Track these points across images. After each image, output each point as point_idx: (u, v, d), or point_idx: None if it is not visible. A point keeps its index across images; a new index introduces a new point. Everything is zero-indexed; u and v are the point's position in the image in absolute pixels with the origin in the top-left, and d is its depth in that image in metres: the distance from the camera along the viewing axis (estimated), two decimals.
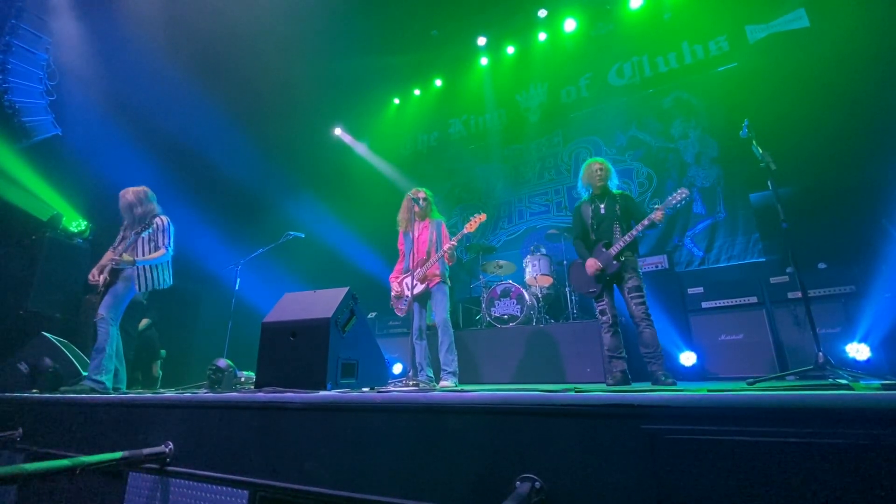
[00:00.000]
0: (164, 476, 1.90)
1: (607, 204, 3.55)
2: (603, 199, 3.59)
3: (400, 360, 5.26)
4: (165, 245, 3.58)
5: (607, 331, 3.39)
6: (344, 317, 2.52)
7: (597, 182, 3.61)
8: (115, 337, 3.40)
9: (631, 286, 3.29)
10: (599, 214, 3.55)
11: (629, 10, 6.44)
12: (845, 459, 0.94)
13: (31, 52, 6.15)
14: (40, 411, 2.61)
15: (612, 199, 3.57)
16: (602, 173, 3.61)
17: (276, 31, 6.35)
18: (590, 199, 3.67)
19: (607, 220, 3.51)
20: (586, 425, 1.20)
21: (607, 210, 3.53)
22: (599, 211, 3.56)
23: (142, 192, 3.71)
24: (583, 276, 3.52)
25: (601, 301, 3.45)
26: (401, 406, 1.49)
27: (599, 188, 3.63)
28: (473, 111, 7.87)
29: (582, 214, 3.68)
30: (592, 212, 3.59)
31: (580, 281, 3.58)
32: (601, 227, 3.52)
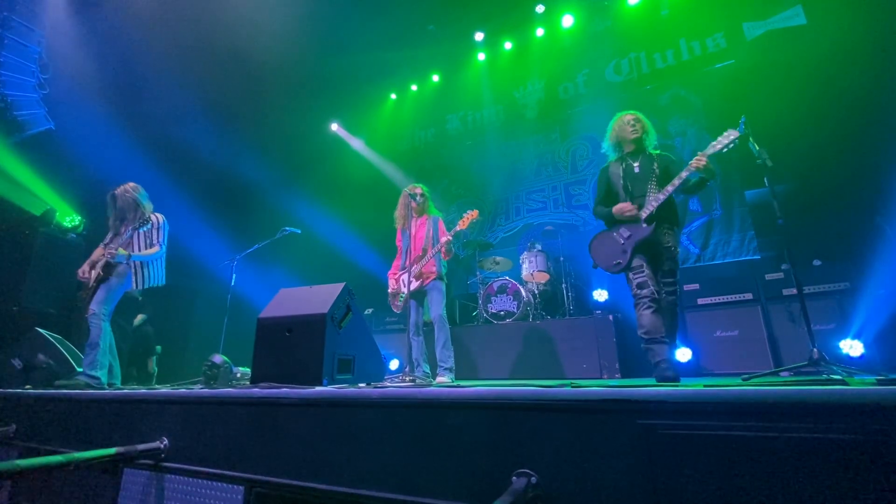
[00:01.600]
0: (158, 472, 1.90)
1: (643, 163, 2.96)
2: (637, 158, 3.00)
3: (396, 356, 5.26)
4: (160, 242, 3.58)
5: (646, 307, 2.69)
6: (340, 312, 2.51)
7: (629, 136, 3.02)
8: (108, 332, 3.39)
9: (665, 269, 2.77)
10: (633, 174, 2.95)
11: (627, 6, 6.43)
12: (840, 454, 0.94)
13: (23, 45, 6.08)
14: (34, 407, 2.60)
15: (650, 159, 2.97)
16: (637, 126, 3.02)
17: (272, 25, 6.30)
18: (620, 159, 3.09)
19: (642, 181, 2.90)
20: (582, 420, 1.20)
21: (643, 169, 2.92)
22: (633, 170, 2.96)
23: (139, 188, 3.70)
24: (606, 247, 2.96)
25: (639, 271, 2.76)
26: (397, 402, 1.49)
27: (633, 144, 3.03)
28: (470, 107, 7.84)
29: (610, 175, 3.06)
30: (624, 171, 2.99)
31: (603, 254, 2.98)
32: (635, 188, 2.91)
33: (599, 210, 3.08)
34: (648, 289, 2.71)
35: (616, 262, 2.87)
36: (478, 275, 5.62)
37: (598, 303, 5.20)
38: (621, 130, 3.08)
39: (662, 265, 2.79)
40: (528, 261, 5.32)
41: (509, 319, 4.93)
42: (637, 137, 3.02)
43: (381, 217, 5.23)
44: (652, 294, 2.70)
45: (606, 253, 2.95)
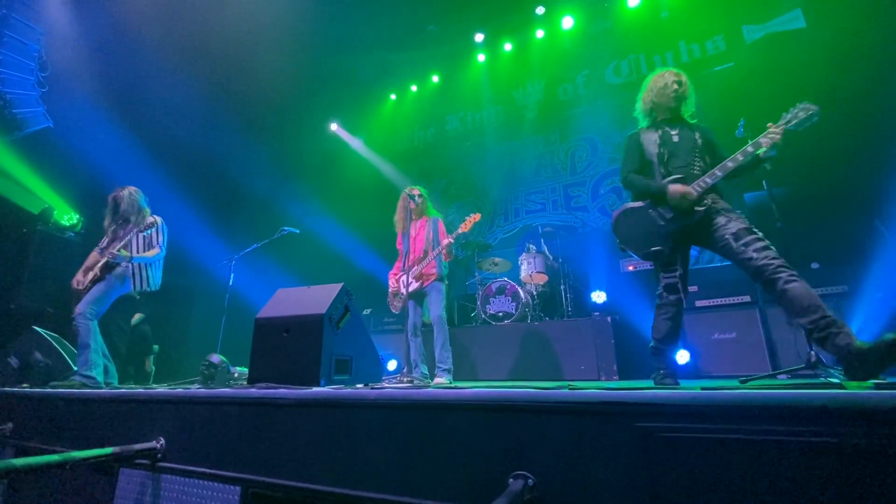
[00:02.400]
0: (155, 472, 1.89)
1: (683, 133, 2.52)
2: (675, 126, 2.55)
3: (395, 356, 5.25)
4: (160, 244, 3.59)
5: (666, 315, 2.40)
6: (338, 313, 2.50)
7: (669, 100, 2.53)
8: (97, 331, 3.36)
9: (738, 229, 2.17)
10: (671, 142, 2.49)
11: (627, 8, 6.44)
12: (837, 458, 0.94)
13: (22, 43, 6.06)
14: (31, 406, 2.59)
15: (689, 128, 2.54)
16: (679, 89, 2.53)
17: (272, 24, 6.30)
18: (654, 125, 2.62)
19: (683, 152, 2.44)
20: (580, 422, 1.20)
21: (684, 139, 2.48)
22: (671, 138, 2.50)
23: (139, 192, 3.73)
24: (640, 227, 2.45)
25: (672, 271, 2.39)
26: (395, 402, 1.49)
27: (670, 110, 2.57)
28: (470, 108, 7.85)
29: (643, 143, 2.56)
30: (661, 139, 2.51)
31: (636, 235, 2.47)
32: (674, 158, 2.44)
33: (636, 180, 2.52)
34: (677, 295, 2.37)
35: (655, 249, 2.38)
36: (476, 276, 5.62)
37: (597, 304, 5.20)
38: (660, 93, 2.56)
39: (728, 227, 2.21)
40: (527, 262, 5.32)
41: (508, 320, 4.93)
42: (676, 105, 2.55)
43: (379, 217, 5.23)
44: (679, 301, 2.38)
45: (641, 234, 2.43)
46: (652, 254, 2.40)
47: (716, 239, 2.25)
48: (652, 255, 2.41)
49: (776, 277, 1.98)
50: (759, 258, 2.05)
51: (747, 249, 2.10)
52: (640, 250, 2.45)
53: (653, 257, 2.42)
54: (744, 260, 2.12)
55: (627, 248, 2.52)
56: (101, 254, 3.54)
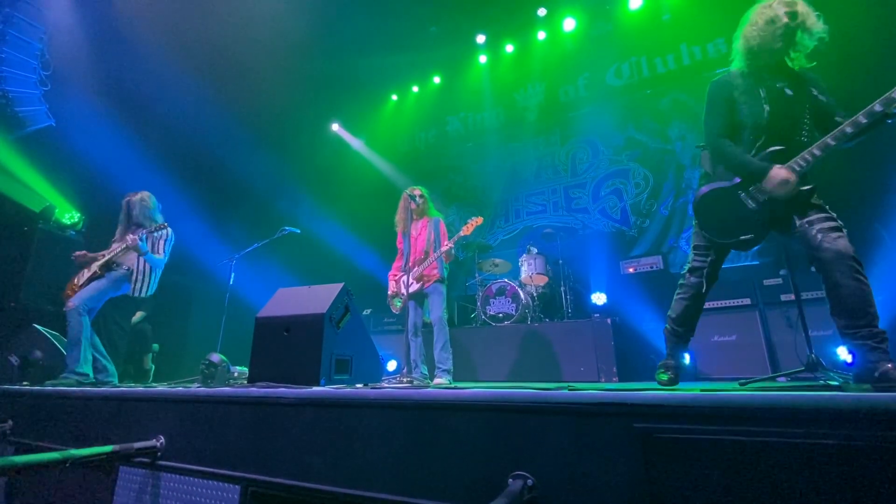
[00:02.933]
0: (154, 470, 1.90)
1: (789, 85, 2.01)
2: (779, 77, 2.03)
3: (394, 357, 5.26)
4: (164, 251, 3.60)
5: (685, 295, 2.28)
6: (338, 313, 2.51)
7: (776, 39, 2.00)
8: (88, 326, 3.36)
9: (814, 217, 1.90)
10: (773, 100, 1.99)
11: (628, 10, 6.45)
12: (836, 460, 0.95)
13: (25, 42, 6.08)
14: (31, 404, 2.59)
15: (797, 80, 2.04)
16: (792, 23, 1.99)
17: (274, 24, 6.31)
18: (754, 73, 2.09)
19: (787, 113, 1.98)
20: (579, 423, 1.20)
21: (787, 96, 1.99)
22: (773, 94, 1.99)
23: (153, 197, 3.78)
24: (727, 211, 2.08)
25: (704, 254, 2.20)
26: (395, 402, 1.49)
27: (775, 53, 2.04)
28: (472, 109, 7.86)
29: (735, 97, 2.09)
30: (768, 94, 2.00)
31: (721, 219, 2.11)
32: (774, 124, 1.98)
33: (729, 150, 2.07)
34: (699, 279, 2.19)
35: (746, 238, 2.04)
36: (477, 276, 5.63)
37: (597, 306, 5.20)
38: (764, 32, 2.02)
39: (809, 215, 1.93)
40: (527, 263, 5.32)
41: (507, 321, 4.93)
42: (783, 47, 2.01)
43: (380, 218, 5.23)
44: (700, 286, 2.20)
45: (728, 220, 2.09)
46: (742, 243, 2.08)
47: (800, 224, 1.94)
48: (741, 245, 2.10)
49: (836, 269, 1.77)
50: (824, 241, 1.82)
51: (811, 228, 1.88)
52: (725, 238, 2.12)
53: (743, 247, 2.11)
54: (806, 239, 1.89)
55: (711, 234, 2.16)
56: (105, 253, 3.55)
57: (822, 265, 1.82)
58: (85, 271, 3.48)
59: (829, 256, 1.79)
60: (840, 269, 1.76)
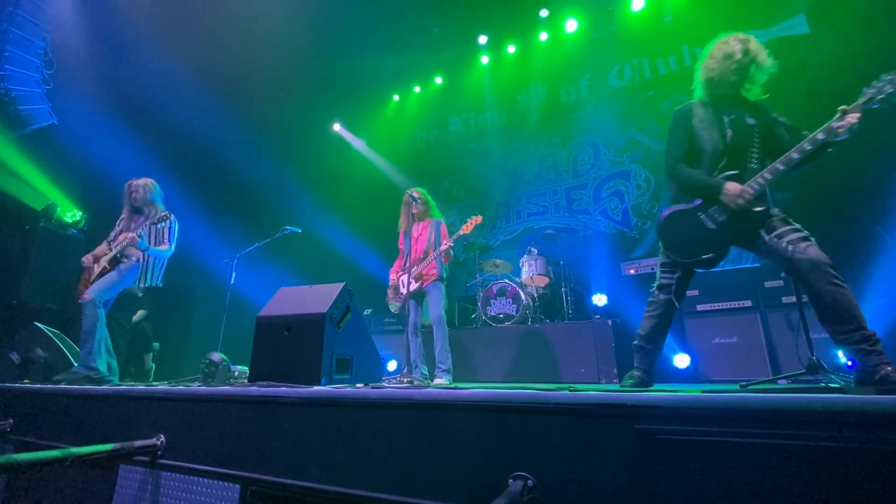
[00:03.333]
0: (154, 469, 1.90)
1: (742, 115, 2.18)
2: (734, 108, 2.20)
3: (395, 357, 5.26)
4: (169, 241, 3.58)
5: (654, 312, 2.31)
6: (339, 312, 2.51)
7: (730, 73, 2.19)
8: (104, 320, 3.36)
9: (782, 230, 1.98)
10: (729, 128, 2.15)
11: (631, 12, 6.45)
12: (837, 462, 0.94)
13: (28, 40, 6.09)
14: (31, 402, 2.59)
15: (751, 110, 2.20)
16: (743, 59, 2.17)
17: (277, 24, 6.32)
18: (714, 102, 2.27)
19: (741, 140, 2.13)
20: (579, 424, 1.20)
21: (742, 124, 2.16)
22: (729, 123, 2.16)
23: (157, 185, 3.73)
24: (689, 231, 2.20)
25: (670, 273, 2.27)
26: (395, 402, 1.49)
27: (732, 85, 2.22)
28: (473, 110, 7.86)
29: (694, 125, 2.24)
30: (723, 121, 2.18)
31: (684, 240, 2.22)
32: (730, 149, 2.13)
33: (685, 173, 2.23)
34: (668, 297, 2.26)
35: (708, 257, 2.14)
36: (477, 277, 5.63)
37: (598, 307, 5.20)
38: (722, 63, 2.20)
39: (771, 225, 2.02)
40: (528, 264, 5.32)
41: (508, 322, 4.93)
42: (739, 80, 2.19)
43: (381, 218, 5.23)
44: (668, 303, 2.26)
45: (689, 240, 2.19)
46: (704, 262, 2.18)
47: (761, 237, 2.03)
48: (704, 263, 2.19)
49: (815, 276, 1.81)
50: (797, 251, 1.88)
51: (780, 241, 1.94)
52: (688, 257, 2.22)
53: (706, 265, 2.21)
54: (777, 252, 1.95)
55: (674, 255, 2.27)
56: (110, 246, 3.54)
57: (799, 275, 1.89)
58: (95, 267, 3.49)
59: (804, 266, 1.85)
60: (817, 277, 1.81)
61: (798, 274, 1.88)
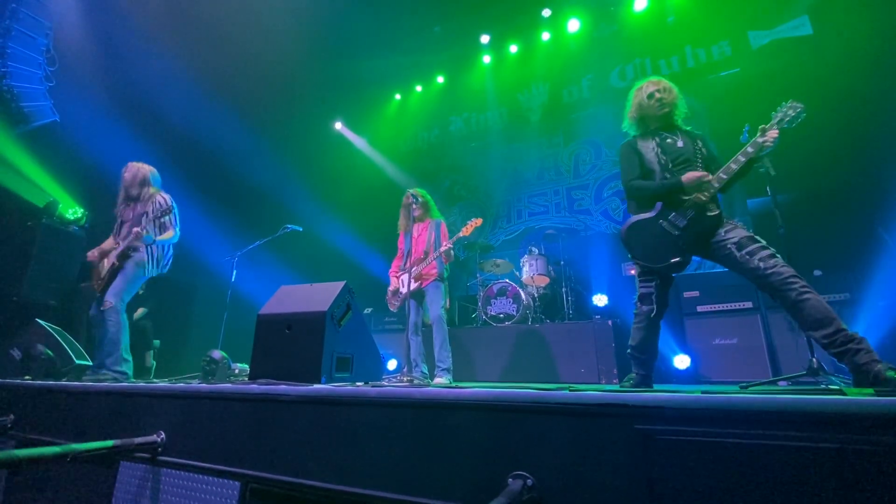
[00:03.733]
0: (155, 465, 1.90)
1: (681, 138, 2.46)
2: (671, 133, 2.49)
3: (395, 356, 5.26)
4: (173, 225, 3.53)
5: (641, 324, 2.39)
6: (340, 311, 2.51)
7: (654, 110, 2.51)
8: (127, 324, 3.35)
9: (740, 238, 2.13)
10: (672, 148, 2.42)
11: (633, 12, 6.44)
12: (837, 464, 0.94)
13: (31, 37, 6.10)
14: (33, 398, 2.60)
15: (687, 135, 2.48)
16: (664, 98, 2.49)
17: (280, 22, 6.32)
18: (649, 134, 2.56)
19: (686, 157, 2.38)
20: (579, 424, 1.20)
21: (683, 144, 2.43)
22: (676, 144, 2.43)
23: (153, 170, 3.68)
24: (652, 238, 2.33)
25: (648, 281, 2.37)
26: (395, 401, 1.49)
27: (660, 119, 2.52)
28: (475, 109, 7.86)
29: (641, 151, 2.50)
30: (661, 146, 2.45)
31: (649, 246, 2.34)
32: (677, 164, 2.37)
33: (643, 184, 2.41)
34: (650, 306, 2.33)
35: (676, 260, 2.25)
36: (478, 277, 5.63)
37: (598, 307, 5.19)
38: (644, 106, 2.55)
39: (729, 236, 2.16)
40: (529, 264, 5.32)
41: (508, 322, 4.93)
42: (663, 113, 2.49)
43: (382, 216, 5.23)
44: (651, 312, 2.33)
45: (653, 246, 2.31)
46: (672, 266, 2.27)
47: (718, 248, 2.18)
48: (672, 268, 2.28)
49: (788, 289, 1.92)
50: (767, 268, 1.99)
51: (752, 258, 2.05)
52: (656, 263, 2.30)
53: (673, 269, 2.30)
54: (750, 269, 2.05)
55: (644, 262, 2.37)
56: (116, 239, 3.53)
57: (772, 290, 2.00)
58: (105, 262, 3.46)
59: (776, 281, 1.96)
60: (791, 289, 1.92)
61: (771, 289, 2.00)
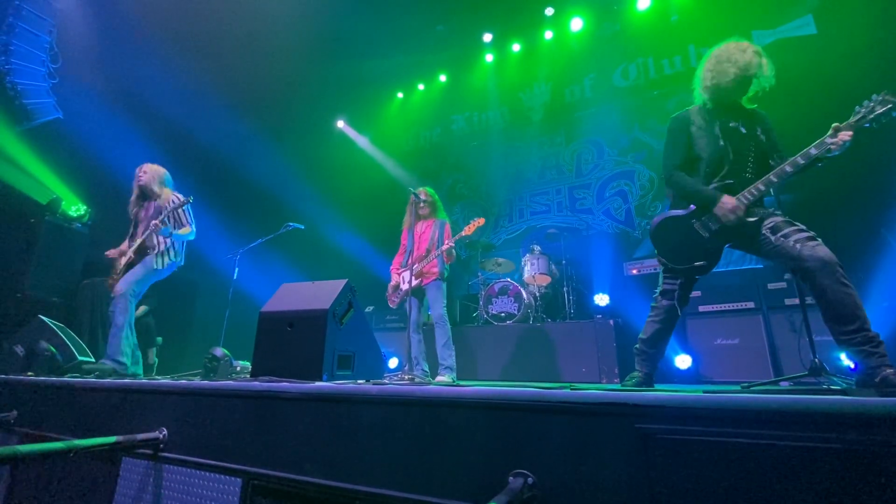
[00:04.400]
0: (157, 462, 1.91)
1: (741, 124, 2.16)
2: (732, 116, 2.19)
3: (396, 354, 5.27)
4: (188, 221, 3.63)
5: (656, 318, 2.30)
6: (342, 308, 2.52)
7: (728, 82, 2.14)
8: (133, 314, 3.40)
9: (775, 223, 1.99)
10: (726, 138, 2.14)
11: (636, 11, 6.42)
12: (839, 464, 0.94)
13: (34, 34, 6.11)
14: (36, 394, 2.61)
15: (749, 120, 2.19)
16: (743, 71, 2.12)
17: (283, 21, 6.32)
18: (712, 111, 2.24)
19: (738, 150, 2.13)
20: (580, 423, 1.20)
21: (740, 134, 2.14)
22: (726, 133, 2.15)
23: (166, 172, 3.79)
24: (681, 238, 2.21)
25: (673, 278, 2.26)
26: (396, 399, 1.50)
27: (730, 93, 2.18)
28: (477, 108, 7.85)
29: (692, 133, 2.23)
30: (715, 131, 2.16)
31: (676, 247, 2.23)
32: (726, 158, 2.13)
33: (683, 181, 2.23)
34: (671, 302, 2.23)
35: (699, 264, 2.16)
36: (479, 276, 5.63)
37: (599, 307, 5.19)
38: (722, 72, 2.15)
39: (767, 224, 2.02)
40: (530, 263, 5.32)
41: (510, 321, 4.93)
42: (737, 89, 2.15)
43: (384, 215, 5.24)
44: (672, 309, 2.24)
45: (681, 247, 2.20)
46: (696, 269, 2.19)
47: (757, 240, 2.03)
48: (695, 271, 2.20)
49: (823, 275, 1.79)
50: (804, 250, 1.85)
51: (787, 240, 1.91)
52: (680, 264, 2.22)
53: (697, 273, 2.22)
54: (786, 252, 1.90)
55: (667, 260, 2.27)
56: (133, 239, 3.57)
57: (807, 274, 1.85)
58: (122, 259, 3.51)
59: (813, 265, 1.82)
60: (826, 275, 1.79)
61: (806, 273, 1.85)
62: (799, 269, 1.89)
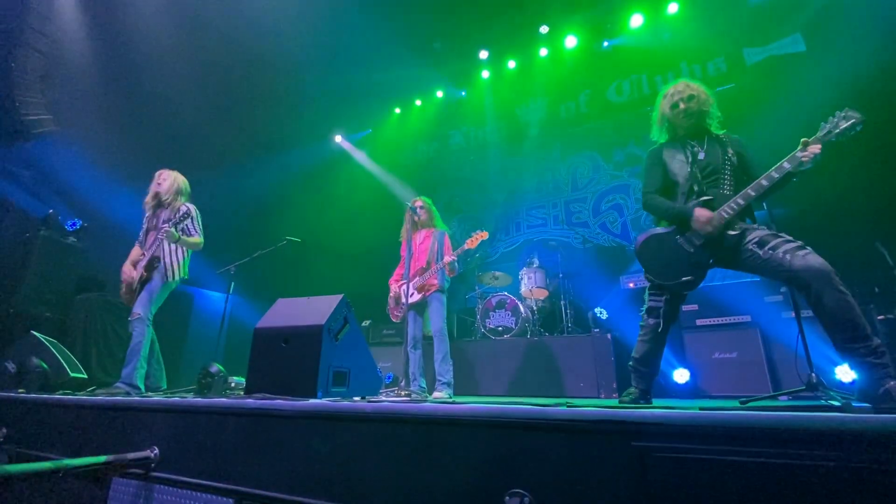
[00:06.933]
0: (148, 482, 1.87)
1: (710, 149, 2.31)
2: (702, 141, 2.35)
3: (392, 369, 5.21)
4: (198, 232, 3.60)
5: (646, 336, 2.32)
6: (337, 324, 2.50)
7: (681, 119, 2.37)
8: (151, 336, 3.35)
9: (761, 237, 2.01)
10: (698, 160, 2.29)
11: (629, 28, 6.55)
12: (837, 481, 0.94)
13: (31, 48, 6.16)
14: (25, 412, 2.57)
15: (718, 142, 2.33)
16: (691, 105, 2.35)
17: (281, 36, 6.40)
18: (677, 141, 2.43)
19: (713, 169, 2.24)
20: (577, 441, 1.19)
21: (711, 155, 2.28)
22: (697, 155, 2.31)
23: (186, 181, 3.82)
24: (667, 255, 2.26)
25: (658, 295, 2.29)
26: (392, 417, 1.48)
27: (690, 125, 2.37)
28: (474, 123, 7.93)
29: (665, 160, 2.39)
30: (685, 156, 2.33)
31: (662, 263, 2.27)
32: (702, 178, 2.25)
33: (657, 202, 2.34)
34: (657, 320, 2.26)
35: (686, 279, 2.18)
36: (476, 289, 5.62)
37: (597, 321, 5.18)
38: (672, 114, 2.40)
39: (751, 238, 2.04)
40: (528, 277, 5.32)
41: (507, 335, 4.91)
42: (691, 122, 2.35)
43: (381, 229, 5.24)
44: (657, 326, 2.25)
45: (667, 263, 2.24)
46: (683, 285, 2.20)
47: (741, 255, 2.05)
48: (683, 286, 2.21)
49: (819, 284, 1.77)
50: (795, 259, 1.85)
51: (776, 252, 1.91)
52: (667, 280, 2.24)
53: (686, 288, 2.23)
54: (776, 265, 1.89)
55: (654, 277, 2.29)
56: (143, 249, 3.54)
57: (801, 284, 1.85)
58: (134, 274, 3.47)
59: (805, 274, 1.82)
60: (820, 284, 1.77)
61: (800, 283, 1.84)
62: (793, 280, 1.88)
